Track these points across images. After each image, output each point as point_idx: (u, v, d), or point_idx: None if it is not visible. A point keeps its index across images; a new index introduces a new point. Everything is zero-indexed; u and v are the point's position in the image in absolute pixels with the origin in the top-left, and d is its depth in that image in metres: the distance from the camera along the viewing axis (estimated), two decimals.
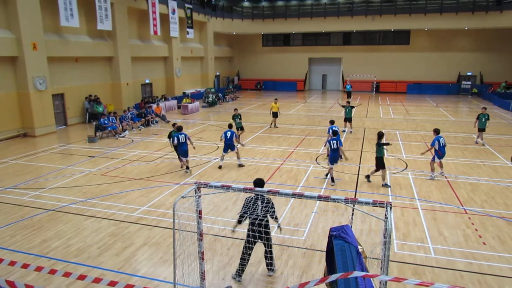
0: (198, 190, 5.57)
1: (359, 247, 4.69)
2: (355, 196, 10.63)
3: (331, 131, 14.12)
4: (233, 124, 17.30)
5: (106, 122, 18.64)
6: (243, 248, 6.62)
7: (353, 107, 19.41)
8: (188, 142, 12.65)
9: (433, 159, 12.29)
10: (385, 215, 4.46)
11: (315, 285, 3.53)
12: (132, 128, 20.45)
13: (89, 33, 22.38)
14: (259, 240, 6.58)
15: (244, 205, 6.48)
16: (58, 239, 8.17)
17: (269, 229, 6.53)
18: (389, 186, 11.39)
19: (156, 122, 22.46)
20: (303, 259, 7.41)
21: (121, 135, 18.73)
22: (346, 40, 42.01)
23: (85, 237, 8.28)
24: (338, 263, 4.37)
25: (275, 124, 21.18)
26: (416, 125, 21.67)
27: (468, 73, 38.52)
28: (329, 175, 11.93)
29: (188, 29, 31.89)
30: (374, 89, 40.17)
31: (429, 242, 8.06)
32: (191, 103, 26.99)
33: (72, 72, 21.62)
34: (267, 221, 6.44)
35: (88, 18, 22.10)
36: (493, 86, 36.22)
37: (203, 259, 5.92)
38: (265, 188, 5.49)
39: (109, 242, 8.06)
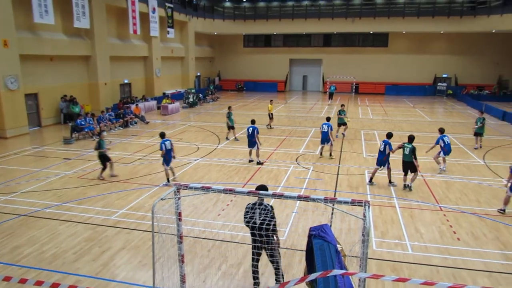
0: (178, 192, 5.50)
1: (338, 245, 4.73)
2: (334, 196, 10.73)
3: (325, 126, 14.35)
4: (228, 122, 17.65)
5: (82, 123, 18.23)
6: (251, 261, 6.34)
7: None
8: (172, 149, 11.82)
9: (439, 154, 13.09)
10: (364, 213, 4.51)
11: (295, 284, 3.54)
12: (110, 129, 20.07)
13: (65, 30, 21.83)
14: (263, 250, 6.16)
15: (245, 212, 6.19)
16: (31, 246, 7.89)
17: (271, 238, 6.03)
18: (411, 189, 11.23)
19: (135, 123, 22.12)
20: (284, 259, 7.42)
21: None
22: (326, 41, 42.44)
23: (60, 242, 8.04)
24: (318, 262, 4.39)
25: (270, 126, 21.09)
26: (394, 126, 22.07)
27: (444, 75, 39.54)
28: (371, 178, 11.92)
29: (168, 29, 31.57)
30: (354, 90, 40.74)
31: (407, 239, 8.22)
32: (171, 103, 26.70)
33: (46, 71, 21.02)
34: (267, 230, 5.81)
35: (64, 15, 21.53)
36: (467, 88, 37.31)
37: (183, 261, 5.84)
38: (245, 189, 5.47)
39: (85, 247, 7.85)
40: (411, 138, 11.33)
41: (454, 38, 37.89)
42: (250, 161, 14.09)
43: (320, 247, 4.54)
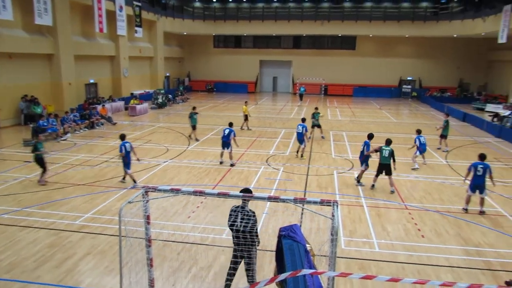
0: (146, 194, 5.37)
1: (307, 245, 4.77)
2: (304, 196, 10.84)
3: (299, 127, 14.63)
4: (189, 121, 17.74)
5: (45, 124, 17.51)
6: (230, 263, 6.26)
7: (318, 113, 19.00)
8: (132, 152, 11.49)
9: (416, 153, 13.99)
10: (332, 213, 4.57)
11: (265, 285, 3.52)
12: (75, 130, 19.39)
13: (26, 27, 20.85)
14: (243, 254, 6.05)
15: (229, 215, 6.09)
16: None
17: (251, 245, 5.95)
18: (393, 192, 11.25)
19: (102, 124, 21.48)
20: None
21: (62, 138, 17.68)
22: (296, 43, 42.93)
23: (20, 249, 7.63)
24: (287, 262, 4.41)
25: (247, 127, 20.89)
26: (361, 127, 22.59)
27: (409, 78, 40.94)
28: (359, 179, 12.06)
29: (136, 28, 30.88)
30: (323, 92, 41.40)
31: (374, 238, 8.42)
32: (139, 104, 26.14)
33: (5, 69, 19.96)
34: (249, 236, 5.80)
35: (24, 11, 20.52)
36: (430, 90, 38.80)
37: (151, 266, 5.72)
38: (216, 191, 5.42)
39: (47, 253, 7.51)
40: (388, 142, 11.44)
41: (418, 42, 39.28)
42: (221, 162, 14.01)
43: (289, 247, 4.56)
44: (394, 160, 11.18)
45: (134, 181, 11.51)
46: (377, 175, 11.52)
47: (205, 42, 43.92)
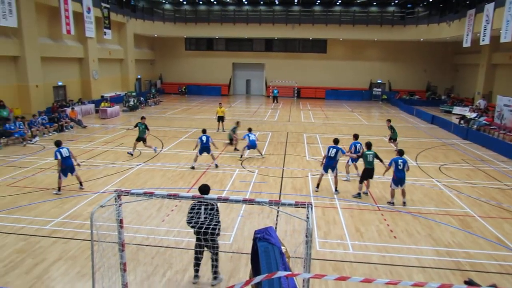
0: (119, 198, 5.32)
1: (282, 247, 4.85)
2: (279, 198, 10.95)
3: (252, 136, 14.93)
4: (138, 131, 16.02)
5: (12, 127, 16.86)
6: (194, 254, 6.70)
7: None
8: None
9: (348, 162, 13.22)
10: (307, 215, 4.66)
11: None
12: (44, 134, 18.77)
13: None
14: (206, 248, 6.52)
15: (188, 212, 6.43)
16: None
17: (215, 236, 6.36)
18: (367, 194, 11.42)
19: (71, 127, 20.92)
20: (230, 263, 7.43)
21: (30, 142, 17.08)
22: (268, 46, 43.23)
23: None
24: (262, 264, 4.46)
25: (223, 128, 21.05)
26: (334, 129, 23.01)
27: (378, 81, 42.03)
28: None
29: (105, 30, 30.21)
30: (296, 95, 41.89)
31: (348, 239, 8.59)
32: (110, 107, 25.60)
33: None
34: (213, 228, 6.16)
35: None
36: (400, 93, 39.97)
37: (125, 270, 5.66)
38: (190, 194, 5.41)
39: (16, 259, 7.27)
40: (369, 145, 11.41)
41: (386, 45, 40.41)
42: (193, 167, 13.85)
43: (265, 249, 4.62)
44: (381, 161, 11.20)
45: (59, 189, 11.07)
46: (361, 182, 11.27)
47: (176, 45, 43.51)
